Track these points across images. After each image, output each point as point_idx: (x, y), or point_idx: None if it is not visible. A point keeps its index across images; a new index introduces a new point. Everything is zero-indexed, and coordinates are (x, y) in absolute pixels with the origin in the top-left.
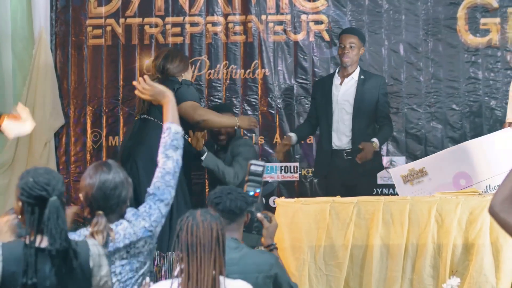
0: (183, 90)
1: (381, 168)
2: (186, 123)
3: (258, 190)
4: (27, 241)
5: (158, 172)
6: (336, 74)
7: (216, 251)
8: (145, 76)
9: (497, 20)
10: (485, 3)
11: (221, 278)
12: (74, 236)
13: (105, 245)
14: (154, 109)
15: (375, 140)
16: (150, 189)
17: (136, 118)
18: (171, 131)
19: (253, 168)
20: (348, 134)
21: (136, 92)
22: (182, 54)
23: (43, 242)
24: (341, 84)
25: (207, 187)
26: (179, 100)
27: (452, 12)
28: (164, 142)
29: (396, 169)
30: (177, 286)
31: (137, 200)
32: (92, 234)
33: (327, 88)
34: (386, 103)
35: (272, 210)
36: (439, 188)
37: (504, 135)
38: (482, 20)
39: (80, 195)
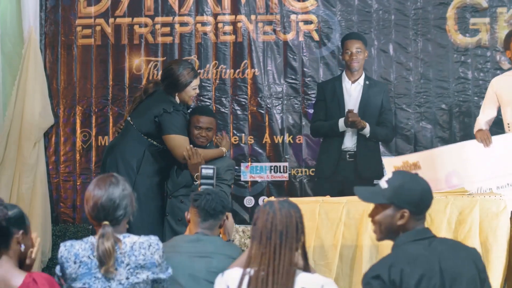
0: (168, 119)
1: (381, 176)
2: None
3: None
4: None
5: None
6: (346, 78)
7: (294, 238)
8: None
9: (487, 20)
10: (475, 3)
11: (297, 270)
12: (81, 243)
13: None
14: (140, 119)
15: (367, 124)
16: None
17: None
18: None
19: (204, 171)
20: (353, 138)
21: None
22: (177, 76)
23: None
24: (350, 88)
25: None
26: (164, 128)
27: (442, 12)
28: None
29: (390, 158)
30: (249, 275)
31: None
32: (101, 243)
33: (338, 91)
34: (389, 110)
35: None
36: (430, 184)
37: (502, 140)
38: (472, 20)
39: (86, 205)
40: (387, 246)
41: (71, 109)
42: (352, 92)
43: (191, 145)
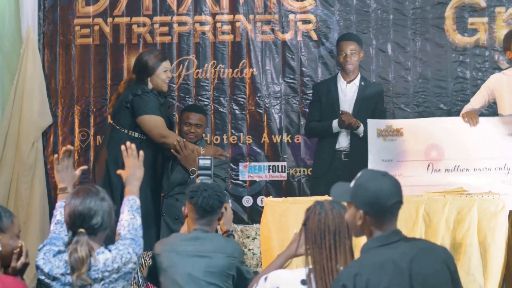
0: (138, 102)
1: None
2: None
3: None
4: None
5: (127, 223)
6: (341, 79)
7: (347, 238)
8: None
9: (485, 19)
10: (473, 2)
11: None
12: (55, 260)
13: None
14: (117, 114)
15: (361, 124)
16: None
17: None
18: (136, 202)
19: (201, 162)
20: (347, 137)
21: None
22: (145, 60)
23: None
24: (346, 88)
25: None
26: (135, 112)
27: (440, 12)
28: (130, 205)
29: (374, 121)
30: (308, 275)
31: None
32: (74, 250)
33: (333, 92)
34: (382, 112)
35: (260, 209)
36: (409, 153)
37: (489, 123)
38: (470, 20)
39: (64, 214)
40: None
41: (70, 109)
42: (347, 92)
43: (181, 137)
